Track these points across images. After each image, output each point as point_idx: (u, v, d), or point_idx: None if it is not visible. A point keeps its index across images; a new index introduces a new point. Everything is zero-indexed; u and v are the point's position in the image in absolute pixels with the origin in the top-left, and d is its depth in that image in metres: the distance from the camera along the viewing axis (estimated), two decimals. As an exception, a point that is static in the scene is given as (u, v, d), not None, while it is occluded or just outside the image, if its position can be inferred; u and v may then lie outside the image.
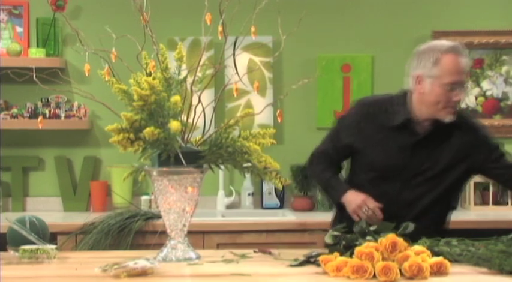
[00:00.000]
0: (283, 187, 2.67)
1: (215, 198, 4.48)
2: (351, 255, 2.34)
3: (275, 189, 4.45)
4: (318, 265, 2.39)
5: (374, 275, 2.24)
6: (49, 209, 4.45)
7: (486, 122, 4.57)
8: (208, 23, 2.53)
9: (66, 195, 4.46)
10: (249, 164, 2.60)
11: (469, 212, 4.30)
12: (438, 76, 2.82)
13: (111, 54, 2.61)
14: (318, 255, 2.44)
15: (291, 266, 2.48)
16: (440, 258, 2.34)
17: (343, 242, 2.49)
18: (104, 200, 4.42)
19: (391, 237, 2.33)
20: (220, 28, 2.56)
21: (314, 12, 4.49)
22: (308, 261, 2.50)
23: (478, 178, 4.34)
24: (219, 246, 3.81)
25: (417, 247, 2.39)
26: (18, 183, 4.45)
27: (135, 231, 3.82)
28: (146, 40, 2.63)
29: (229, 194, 4.52)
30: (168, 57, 2.66)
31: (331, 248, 2.48)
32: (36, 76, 2.63)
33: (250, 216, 4.14)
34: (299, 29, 2.77)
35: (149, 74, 2.61)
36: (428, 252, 2.37)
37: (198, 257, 2.61)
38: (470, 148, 2.94)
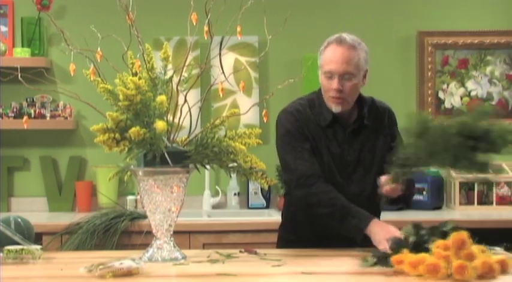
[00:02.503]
0: (269, 187, 2.67)
1: (201, 198, 4.48)
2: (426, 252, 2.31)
3: (261, 189, 4.45)
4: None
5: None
6: (34, 209, 4.44)
7: (471, 122, 4.60)
8: (194, 23, 2.53)
9: (51, 195, 4.45)
10: (235, 164, 2.61)
11: (454, 212, 4.33)
12: (321, 65, 2.94)
13: (96, 54, 2.60)
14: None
15: (364, 266, 2.46)
16: (503, 256, 2.33)
17: (413, 240, 2.46)
18: (89, 200, 4.41)
19: (461, 234, 2.31)
20: (206, 28, 2.56)
21: (300, 12, 4.50)
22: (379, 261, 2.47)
23: (463, 178, 4.38)
24: (205, 246, 3.81)
25: (475, 246, 2.36)
26: (3, 184, 4.43)
27: (121, 231, 3.81)
28: (132, 40, 2.62)
29: (215, 194, 4.53)
30: (153, 57, 2.66)
31: (399, 246, 2.45)
32: (21, 76, 2.62)
33: (236, 216, 4.14)
34: (285, 28, 2.78)
35: (135, 74, 2.61)
36: (489, 250, 2.37)
37: (184, 257, 2.61)
38: (389, 130, 3.04)
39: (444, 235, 2.42)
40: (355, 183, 2.97)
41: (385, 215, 3.32)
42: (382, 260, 2.47)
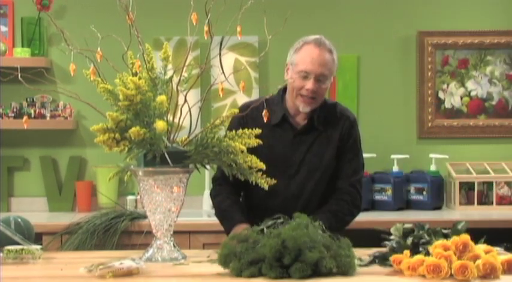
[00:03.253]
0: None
1: (201, 198, 4.48)
2: (425, 255, 2.31)
3: (261, 189, 4.45)
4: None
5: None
6: (34, 209, 4.44)
7: (471, 122, 4.61)
8: (194, 23, 2.52)
9: (51, 195, 4.45)
10: (235, 164, 2.60)
11: (454, 212, 4.32)
12: (295, 63, 2.95)
13: (96, 54, 2.60)
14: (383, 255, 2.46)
15: (360, 266, 2.45)
16: (510, 256, 2.33)
17: (411, 240, 2.46)
18: (89, 200, 4.41)
19: (463, 237, 2.31)
20: (206, 28, 2.56)
21: (300, 12, 4.50)
22: (374, 261, 2.49)
23: (463, 178, 4.39)
24: (204, 246, 3.80)
25: (483, 246, 2.37)
26: (3, 183, 4.43)
27: (121, 231, 3.82)
28: (132, 40, 2.62)
29: (215, 194, 4.52)
30: (153, 57, 2.66)
31: (398, 246, 2.45)
32: (21, 76, 2.62)
33: (236, 216, 4.13)
34: (285, 28, 2.77)
35: (135, 74, 2.61)
36: (497, 251, 2.36)
37: (184, 257, 2.61)
38: (342, 139, 3.03)
39: (445, 237, 2.42)
40: (297, 184, 2.99)
41: (385, 215, 3.33)
42: (380, 259, 2.47)
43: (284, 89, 3.06)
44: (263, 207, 2.96)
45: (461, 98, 4.62)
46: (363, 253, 2.58)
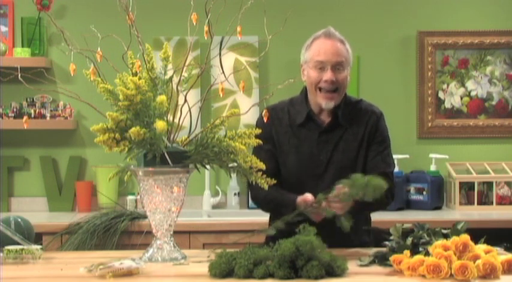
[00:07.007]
0: (269, 187, 2.66)
1: (201, 198, 4.48)
2: (425, 255, 2.32)
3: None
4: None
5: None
6: (34, 209, 4.44)
7: (471, 122, 4.61)
8: (194, 23, 2.53)
9: (51, 195, 4.45)
10: (235, 164, 2.61)
11: (454, 212, 4.32)
12: (309, 59, 2.93)
13: (96, 54, 2.60)
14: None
15: (361, 266, 2.47)
16: (510, 256, 2.33)
17: (410, 240, 2.47)
18: (89, 200, 4.41)
19: (463, 237, 2.31)
20: (206, 28, 2.56)
21: (300, 12, 4.50)
22: (374, 261, 2.49)
23: (463, 178, 4.39)
24: (205, 246, 3.81)
25: (483, 246, 2.38)
26: (3, 184, 4.43)
27: (121, 231, 3.82)
28: (132, 40, 2.62)
29: (215, 194, 4.53)
30: (153, 57, 2.66)
31: (398, 247, 2.46)
32: (21, 76, 2.62)
33: (236, 216, 4.13)
34: (285, 29, 2.78)
35: (135, 74, 2.61)
36: (497, 251, 2.36)
37: (184, 257, 2.61)
38: (370, 134, 2.99)
39: (445, 237, 2.42)
40: (326, 183, 2.91)
41: (384, 215, 3.33)
42: (380, 259, 2.47)
43: (306, 89, 3.03)
44: None
45: (461, 98, 4.62)
46: (363, 253, 2.58)
